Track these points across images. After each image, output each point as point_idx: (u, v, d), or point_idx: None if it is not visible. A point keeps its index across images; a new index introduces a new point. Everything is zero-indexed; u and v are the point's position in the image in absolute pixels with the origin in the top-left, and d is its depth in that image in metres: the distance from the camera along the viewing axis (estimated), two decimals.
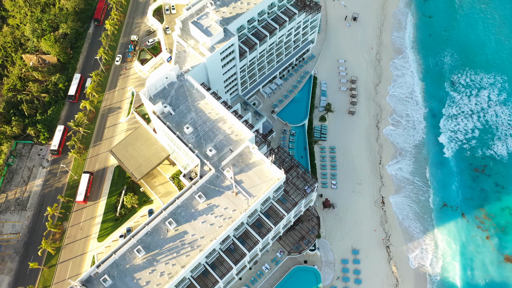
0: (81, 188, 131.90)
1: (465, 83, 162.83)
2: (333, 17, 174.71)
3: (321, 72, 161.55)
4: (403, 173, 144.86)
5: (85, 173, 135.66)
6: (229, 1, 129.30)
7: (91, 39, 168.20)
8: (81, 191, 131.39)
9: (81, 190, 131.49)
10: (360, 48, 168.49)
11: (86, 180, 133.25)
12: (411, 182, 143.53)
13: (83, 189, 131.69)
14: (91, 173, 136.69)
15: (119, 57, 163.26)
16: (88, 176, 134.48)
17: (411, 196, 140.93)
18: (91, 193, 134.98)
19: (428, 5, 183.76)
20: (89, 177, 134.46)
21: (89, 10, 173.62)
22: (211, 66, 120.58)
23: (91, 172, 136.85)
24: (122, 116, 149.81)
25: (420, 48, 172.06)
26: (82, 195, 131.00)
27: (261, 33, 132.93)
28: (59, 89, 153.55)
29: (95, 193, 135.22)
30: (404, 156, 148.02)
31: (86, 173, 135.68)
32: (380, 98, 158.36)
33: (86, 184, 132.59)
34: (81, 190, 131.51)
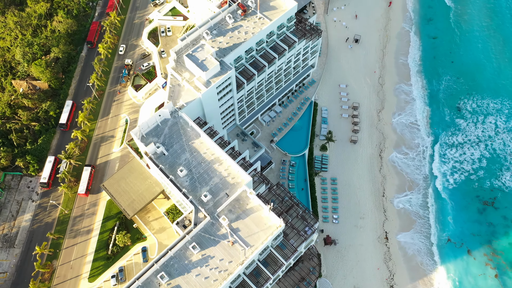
0: (83, 180, 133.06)
1: (471, 109, 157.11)
2: (334, 39, 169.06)
3: (322, 98, 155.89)
4: (407, 206, 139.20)
5: (87, 166, 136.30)
6: (226, 30, 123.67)
7: (84, 62, 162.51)
8: (83, 184, 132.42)
9: (83, 183, 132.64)
10: (362, 72, 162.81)
11: (88, 173, 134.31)
12: (415, 215, 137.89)
13: (85, 181, 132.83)
14: (93, 166, 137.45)
15: (123, 47, 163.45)
16: (90, 169, 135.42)
17: (415, 231, 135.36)
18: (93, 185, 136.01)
19: (432, 26, 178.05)
20: (90, 170, 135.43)
21: (82, 31, 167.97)
22: (207, 100, 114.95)
23: (92, 165, 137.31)
24: (115, 146, 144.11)
25: (424, 71, 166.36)
26: (84, 187, 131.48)
27: (260, 62, 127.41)
28: (50, 116, 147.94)
29: (86, 229, 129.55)
30: (408, 188, 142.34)
31: (88, 166, 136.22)
32: (383, 125, 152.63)
33: (88, 177, 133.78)
34: (83, 183, 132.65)
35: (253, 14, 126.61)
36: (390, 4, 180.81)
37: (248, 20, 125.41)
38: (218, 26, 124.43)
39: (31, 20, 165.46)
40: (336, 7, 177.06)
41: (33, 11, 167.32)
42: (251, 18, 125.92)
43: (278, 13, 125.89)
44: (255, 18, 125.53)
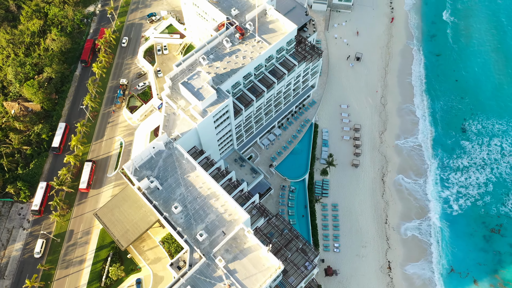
0: (84, 176, 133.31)
1: (476, 130, 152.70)
2: (335, 57, 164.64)
3: (323, 119, 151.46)
4: (409, 234, 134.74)
5: (88, 161, 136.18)
6: (223, 54, 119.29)
7: (78, 81, 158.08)
8: (83, 180, 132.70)
9: (84, 179, 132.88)
10: (364, 92, 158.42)
11: (89, 169, 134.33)
12: (417, 244, 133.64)
13: (86, 177, 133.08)
14: (94, 162, 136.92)
15: (126, 39, 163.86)
16: (91, 165, 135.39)
17: (418, 261, 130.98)
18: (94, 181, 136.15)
19: (435, 42, 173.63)
20: (91, 165, 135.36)
21: (76, 49, 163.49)
22: (203, 130, 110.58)
23: (93, 161, 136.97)
24: (109, 170, 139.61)
25: (427, 90, 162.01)
26: (84, 183, 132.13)
27: (258, 87, 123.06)
28: (42, 140, 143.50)
29: (78, 260, 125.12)
30: (410, 214, 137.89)
31: (89, 161, 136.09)
32: (386, 148, 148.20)
33: (88, 172, 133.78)
34: (83, 179, 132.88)
35: (251, 37, 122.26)
36: (392, 20, 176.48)
37: (246, 44, 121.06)
38: (215, 50, 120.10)
39: (24, 38, 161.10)
40: (337, 23, 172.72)
41: (26, 28, 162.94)
42: (249, 41, 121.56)
43: (277, 36, 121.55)
44: (254, 41, 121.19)
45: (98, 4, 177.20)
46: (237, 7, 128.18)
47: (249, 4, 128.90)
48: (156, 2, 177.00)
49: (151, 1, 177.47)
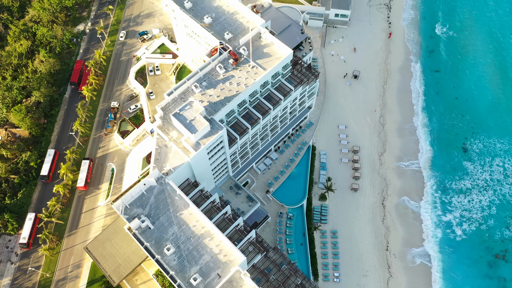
0: (82, 175, 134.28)
1: (478, 150, 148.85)
2: (332, 75, 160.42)
3: (320, 141, 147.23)
4: (412, 260, 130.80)
5: (85, 159, 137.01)
6: (217, 81, 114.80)
7: (67, 104, 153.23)
8: (81, 178, 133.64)
9: (81, 177, 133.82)
10: (362, 111, 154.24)
11: (86, 167, 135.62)
12: (419, 270, 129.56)
13: (84, 175, 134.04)
14: (91, 160, 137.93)
15: (123, 33, 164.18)
16: (88, 163, 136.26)
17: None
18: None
19: (434, 58, 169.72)
20: (89, 164, 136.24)
21: (65, 71, 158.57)
22: (197, 163, 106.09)
23: (91, 159, 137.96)
24: (100, 199, 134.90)
25: (427, 108, 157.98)
26: (82, 181, 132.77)
27: (253, 114, 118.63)
28: (31, 167, 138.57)
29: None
30: (412, 239, 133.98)
31: (86, 159, 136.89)
32: (385, 170, 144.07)
33: (86, 170, 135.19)
34: (81, 177, 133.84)
35: (245, 63, 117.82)
36: (390, 36, 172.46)
37: (241, 70, 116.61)
38: (208, 77, 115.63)
39: (11, 60, 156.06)
40: (333, 39, 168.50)
41: (13, 49, 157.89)
42: (243, 67, 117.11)
43: (272, 61, 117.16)
44: (248, 67, 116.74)
45: (88, 22, 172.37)
46: (231, 30, 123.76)
47: (243, 27, 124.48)
48: (148, 19, 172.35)
49: (142, 18, 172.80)
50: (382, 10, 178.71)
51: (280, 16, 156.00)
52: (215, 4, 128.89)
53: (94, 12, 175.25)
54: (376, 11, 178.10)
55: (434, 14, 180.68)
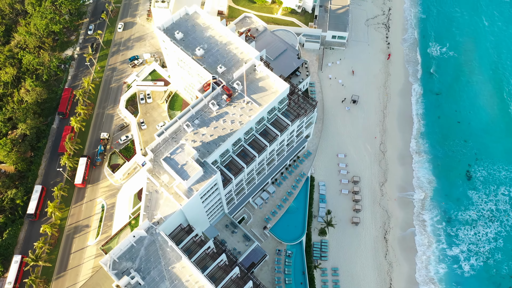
0: (79, 172, 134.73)
1: (482, 178, 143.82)
2: (330, 100, 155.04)
3: (319, 171, 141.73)
4: None
5: (83, 157, 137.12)
6: (210, 119, 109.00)
7: (55, 136, 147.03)
8: (79, 175, 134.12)
9: (79, 174, 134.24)
10: (362, 138, 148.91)
11: (84, 164, 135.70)
12: None
13: (81, 172, 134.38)
14: (89, 157, 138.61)
15: (122, 24, 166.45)
16: (86, 160, 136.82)
17: None
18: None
19: (435, 80, 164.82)
20: (86, 161, 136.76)
21: (53, 99, 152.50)
22: (189, 209, 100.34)
23: (88, 156, 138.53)
24: (90, 238, 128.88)
25: (428, 134, 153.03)
26: (80, 178, 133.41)
27: (249, 152, 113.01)
28: (17, 205, 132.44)
29: None
30: (417, 276, 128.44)
31: (84, 157, 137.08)
32: (387, 202, 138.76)
33: (84, 168, 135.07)
34: (78, 174, 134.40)
35: (240, 98, 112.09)
36: (389, 57, 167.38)
37: (235, 106, 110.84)
38: (201, 114, 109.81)
39: None
40: (331, 62, 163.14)
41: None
42: (237, 102, 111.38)
43: (268, 96, 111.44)
44: (242, 102, 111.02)
45: (77, 47, 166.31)
46: (224, 62, 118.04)
47: (237, 58, 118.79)
48: (139, 43, 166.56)
49: (133, 42, 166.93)
50: (380, 30, 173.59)
51: (276, 40, 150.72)
52: (207, 34, 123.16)
53: (83, 35, 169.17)
54: (374, 31, 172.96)
55: (434, 33, 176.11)
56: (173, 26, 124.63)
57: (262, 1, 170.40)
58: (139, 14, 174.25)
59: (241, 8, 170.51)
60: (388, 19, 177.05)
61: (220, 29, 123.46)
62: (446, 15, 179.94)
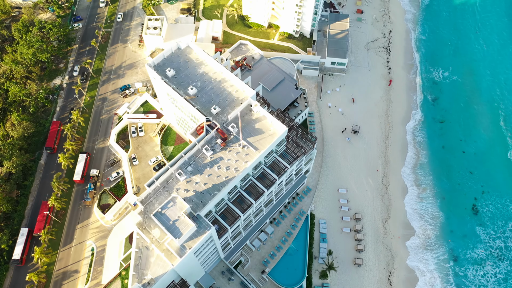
0: (78, 168, 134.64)
1: (490, 212, 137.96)
2: (330, 130, 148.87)
3: (320, 208, 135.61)
4: None
5: (82, 153, 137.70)
6: (204, 165, 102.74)
7: (43, 172, 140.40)
8: (78, 171, 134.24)
9: (78, 171, 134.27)
10: (363, 171, 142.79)
11: (83, 160, 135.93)
12: None
13: (80, 169, 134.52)
14: (88, 153, 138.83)
15: (121, 14, 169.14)
16: (85, 156, 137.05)
17: None
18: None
19: (438, 107, 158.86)
20: (86, 157, 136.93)
21: (40, 133, 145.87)
22: (182, 267, 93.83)
23: (88, 153, 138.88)
24: (79, 284, 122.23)
25: (432, 165, 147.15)
26: (79, 175, 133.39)
27: (246, 199, 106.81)
28: (2, 250, 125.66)
29: None
30: None
31: (83, 153, 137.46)
32: (390, 240, 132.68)
33: (83, 165, 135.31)
34: (78, 170, 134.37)
35: (235, 141, 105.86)
36: (390, 83, 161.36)
37: (230, 150, 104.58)
38: (194, 160, 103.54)
39: None
40: (330, 89, 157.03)
41: None
42: (233, 147, 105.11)
43: (265, 140, 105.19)
44: (238, 147, 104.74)
45: (65, 76, 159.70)
46: (218, 102, 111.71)
47: (232, 97, 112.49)
48: (130, 71, 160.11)
49: (124, 70, 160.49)
50: (381, 54, 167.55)
51: (273, 69, 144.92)
52: (200, 71, 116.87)
53: (72, 63, 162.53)
54: (375, 55, 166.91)
55: (436, 56, 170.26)
56: (164, 62, 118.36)
57: (258, 26, 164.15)
58: (131, 39, 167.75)
59: (236, 33, 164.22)
60: (389, 42, 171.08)
61: (214, 65, 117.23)
62: (447, 37, 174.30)
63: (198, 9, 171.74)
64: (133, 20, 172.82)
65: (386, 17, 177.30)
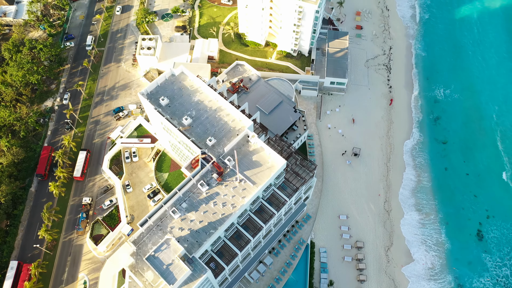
0: (78, 165, 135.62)
1: (496, 238, 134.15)
2: (329, 152, 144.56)
3: (320, 235, 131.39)
4: None
5: (82, 150, 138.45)
6: (199, 201, 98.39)
7: (34, 200, 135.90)
8: (78, 168, 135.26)
9: (78, 167, 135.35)
10: (364, 196, 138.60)
11: (84, 157, 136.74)
12: None
13: (80, 165, 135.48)
14: (88, 150, 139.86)
15: (120, 7, 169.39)
16: (86, 153, 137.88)
17: None
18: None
19: (441, 127, 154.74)
20: (86, 154, 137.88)
21: (31, 158, 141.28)
22: None
23: (88, 150, 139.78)
24: None
25: (435, 189, 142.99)
26: (79, 171, 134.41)
27: (243, 235, 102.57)
28: None
29: None
30: None
31: (84, 150, 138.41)
32: (393, 269, 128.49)
33: (83, 161, 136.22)
34: (78, 167, 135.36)
35: (232, 175, 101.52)
36: (391, 103, 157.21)
37: (226, 185, 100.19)
38: (189, 196, 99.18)
39: None
40: (329, 109, 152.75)
41: None
42: (229, 181, 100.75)
43: (263, 173, 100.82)
44: (235, 181, 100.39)
45: (57, 97, 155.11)
46: (214, 132, 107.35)
47: (228, 127, 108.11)
48: (124, 92, 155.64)
49: (117, 91, 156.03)
50: (381, 72, 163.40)
51: (270, 91, 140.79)
52: (195, 99, 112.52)
53: (64, 84, 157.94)
54: (375, 73, 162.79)
55: (437, 73, 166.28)
56: (158, 90, 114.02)
57: (255, 44, 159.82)
58: (124, 58, 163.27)
59: (233, 52, 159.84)
60: (389, 59, 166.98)
61: (209, 93, 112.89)
62: (449, 53, 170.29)
63: (193, 27, 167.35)
64: (127, 38, 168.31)
65: (386, 33, 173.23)
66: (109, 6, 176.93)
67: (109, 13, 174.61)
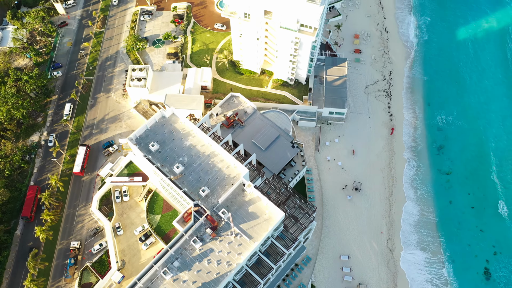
0: (78, 160, 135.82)
1: (504, 277, 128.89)
2: (329, 187, 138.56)
3: (321, 278, 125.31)
4: None
5: (82, 145, 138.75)
6: (192, 260, 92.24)
7: (19, 244, 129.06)
8: (78, 163, 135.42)
9: (78, 163, 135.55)
10: (367, 234, 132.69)
11: (83, 153, 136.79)
12: None
13: (80, 161, 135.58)
14: (88, 146, 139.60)
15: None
16: (85, 149, 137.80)
17: None
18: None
19: (444, 156, 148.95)
20: (86, 150, 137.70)
21: (16, 199, 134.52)
22: None
23: (87, 145, 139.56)
24: None
25: (440, 225, 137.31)
26: (79, 166, 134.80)
27: None
28: None
29: None
30: None
31: (83, 146, 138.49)
32: None
33: (83, 156, 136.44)
34: (78, 162, 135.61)
35: (227, 228, 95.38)
36: (392, 132, 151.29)
37: (221, 240, 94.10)
38: (181, 253, 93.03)
39: None
40: (329, 140, 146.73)
41: None
42: (224, 235, 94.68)
43: (260, 225, 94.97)
44: (230, 236, 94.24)
45: (44, 131, 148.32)
46: (207, 181, 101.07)
47: (222, 175, 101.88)
48: (114, 124, 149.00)
49: (107, 123, 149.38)
50: (381, 99, 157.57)
51: (267, 124, 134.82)
52: (187, 143, 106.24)
53: (51, 116, 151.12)
54: (375, 100, 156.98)
55: (439, 99, 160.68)
56: (147, 134, 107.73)
57: (250, 73, 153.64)
58: (114, 88, 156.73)
59: (227, 81, 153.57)
60: (390, 84, 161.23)
61: (201, 136, 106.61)
62: (451, 77, 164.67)
63: (186, 54, 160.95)
64: (117, 67, 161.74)
65: (385, 56, 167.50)
66: (97, 32, 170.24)
67: (98, 40, 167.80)
